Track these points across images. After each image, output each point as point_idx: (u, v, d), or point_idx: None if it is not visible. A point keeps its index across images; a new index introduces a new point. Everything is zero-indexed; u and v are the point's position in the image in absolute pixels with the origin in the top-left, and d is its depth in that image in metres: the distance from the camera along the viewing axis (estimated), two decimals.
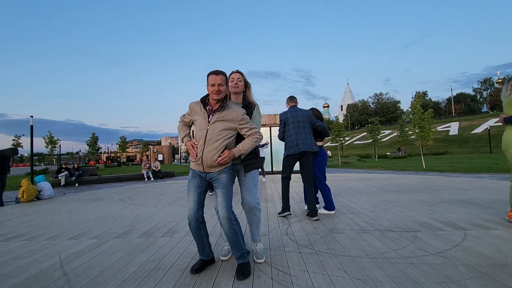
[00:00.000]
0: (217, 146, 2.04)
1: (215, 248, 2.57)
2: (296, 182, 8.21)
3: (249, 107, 2.32)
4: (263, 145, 8.70)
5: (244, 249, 2.12)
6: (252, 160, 2.31)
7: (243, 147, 2.11)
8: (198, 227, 2.11)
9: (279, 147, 12.46)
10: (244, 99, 2.40)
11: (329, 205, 3.93)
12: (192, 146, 2.11)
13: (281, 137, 3.97)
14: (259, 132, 2.18)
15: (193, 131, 2.28)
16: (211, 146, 2.04)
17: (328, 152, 30.65)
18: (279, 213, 3.93)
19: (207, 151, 2.04)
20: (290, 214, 3.88)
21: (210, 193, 5.89)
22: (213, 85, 2.03)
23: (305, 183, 3.77)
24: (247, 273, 2.03)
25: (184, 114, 2.28)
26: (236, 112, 2.10)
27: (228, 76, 2.39)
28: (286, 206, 3.86)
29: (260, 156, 8.62)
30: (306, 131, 3.76)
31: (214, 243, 2.79)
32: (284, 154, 3.90)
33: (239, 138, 2.20)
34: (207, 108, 2.12)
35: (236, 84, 2.34)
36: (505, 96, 3.13)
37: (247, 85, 2.43)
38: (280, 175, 4.18)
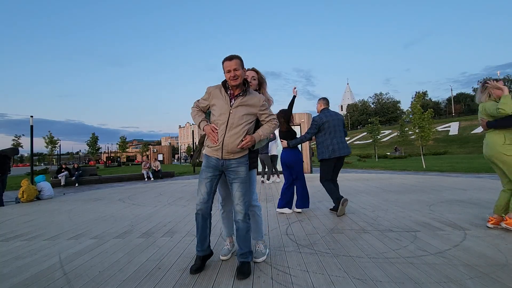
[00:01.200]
0: (239, 130, 2.02)
1: (215, 248, 2.57)
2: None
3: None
4: (272, 140, 8.31)
5: (249, 248, 2.11)
6: (255, 159, 2.33)
7: (263, 132, 2.12)
8: (206, 219, 2.10)
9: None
10: None
11: (302, 204, 4.11)
12: (212, 130, 2.04)
13: (309, 138, 3.99)
14: (276, 119, 2.21)
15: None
16: (233, 130, 2.01)
17: None
18: (331, 209, 4.04)
19: (229, 136, 2.01)
20: (347, 200, 3.79)
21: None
22: (228, 71, 2.00)
23: (333, 182, 3.97)
24: (247, 272, 2.03)
25: (199, 99, 2.22)
26: (257, 98, 2.12)
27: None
28: (337, 198, 3.77)
29: (274, 154, 8.47)
30: (342, 135, 3.84)
31: (214, 243, 2.79)
32: (318, 158, 3.93)
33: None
34: (228, 92, 2.09)
35: (250, 82, 2.34)
36: (482, 101, 2.82)
37: (260, 81, 2.45)
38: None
